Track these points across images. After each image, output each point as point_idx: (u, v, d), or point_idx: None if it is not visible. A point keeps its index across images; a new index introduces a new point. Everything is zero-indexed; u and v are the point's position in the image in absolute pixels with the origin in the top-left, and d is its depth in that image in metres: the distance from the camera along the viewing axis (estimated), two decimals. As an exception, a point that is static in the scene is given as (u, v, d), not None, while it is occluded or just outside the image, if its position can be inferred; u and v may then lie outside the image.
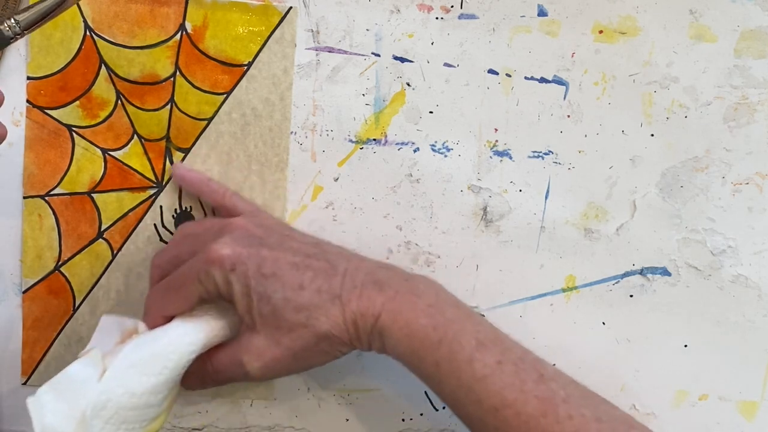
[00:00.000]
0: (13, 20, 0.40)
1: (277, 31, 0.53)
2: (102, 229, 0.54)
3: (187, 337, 0.46)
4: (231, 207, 0.52)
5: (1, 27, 0.40)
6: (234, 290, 0.45)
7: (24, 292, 0.54)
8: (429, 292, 0.47)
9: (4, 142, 0.52)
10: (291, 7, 0.53)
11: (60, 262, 0.54)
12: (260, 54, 0.53)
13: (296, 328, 0.45)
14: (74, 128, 0.53)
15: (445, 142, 0.55)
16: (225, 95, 0.53)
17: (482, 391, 0.44)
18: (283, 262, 0.46)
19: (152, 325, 0.47)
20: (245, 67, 0.53)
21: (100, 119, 0.53)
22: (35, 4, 0.41)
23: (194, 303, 0.47)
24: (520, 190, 0.55)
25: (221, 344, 0.47)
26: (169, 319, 0.47)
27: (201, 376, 0.47)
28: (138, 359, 0.44)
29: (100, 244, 0.54)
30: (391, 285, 0.46)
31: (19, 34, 0.41)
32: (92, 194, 0.54)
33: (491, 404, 0.43)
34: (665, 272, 0.56)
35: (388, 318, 0.45)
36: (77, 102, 0.53)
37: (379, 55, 0.54)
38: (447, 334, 0.45)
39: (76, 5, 0.52)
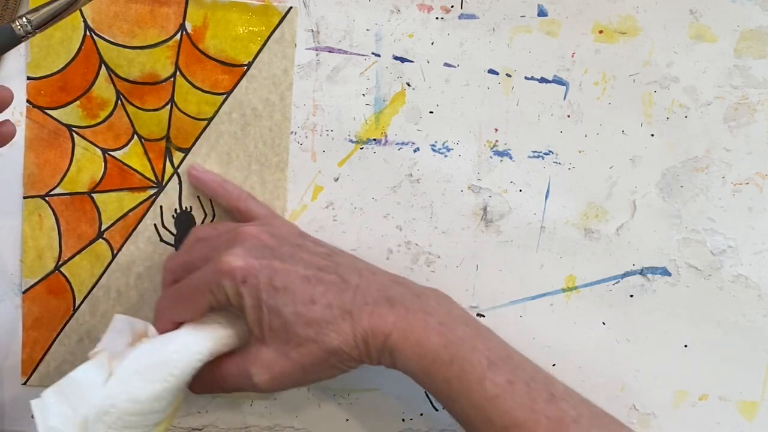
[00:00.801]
0: (24, 19, 0.40)
1: (277, 31, 0.53)
2: (102, 229, 0.54)
3: (196, 345, 0.45)
4: (246, 211, 0.52)
5: (13, 25, 0.40)
6: (245, 302, 0.45)
7: (24, 292, 0.54)
8: (440, 309, 0.47)
9: (4, 142, 0.52)
10: (291, 7, 0.53)
11: (60, 262, 0.54)
12: (260, 54, 0.53)
13: (306, 343, 0.45)
14: (74, 128, 0.53)
15: (445, 142, 0.55)
16: (225, 95, 0.53)
17: (493, 411, 0.44)
18: (294, 276, 0.45)
19: (162, 330, 0.47)
20: (245, 67, 0.53)
21: (100, 119, 0.53)
22: (47, 3, 0.41)
23: (204, 311, 0.46)
24: (520, 190, 0.55)
25: (230, 353, 0.47)
26: (178, 325, 0.47)
27: (208, 382, 0.47)
28: (144, 366, 0.44)
29: (100, 244, 0.54)
30: (403, 302, 0.46)
31: (30, 33, 0.41)
32: (92, 194, 0.54)
33: (502, 424, 0.43)
34: (665, 272, 0.56)
35: (399, 336, 0.45)
36: (77, 102, 0.53)
37: (379, 55, 0.54)
38: (458, 353, 0.45)
39: (76, 5, 0.52)
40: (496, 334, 0.48)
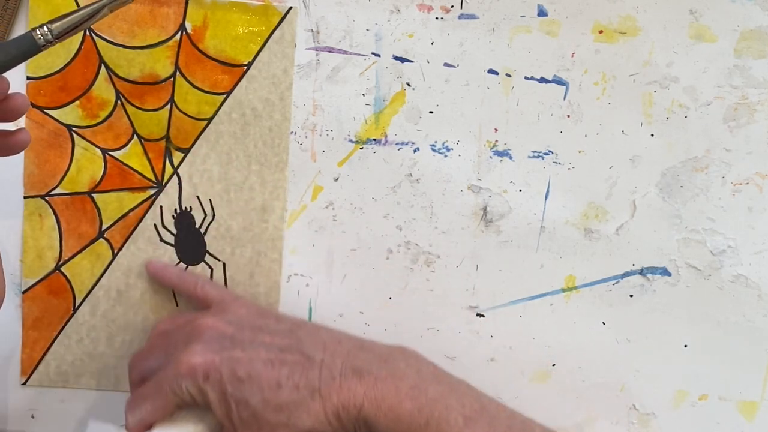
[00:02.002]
0: (45, 28, 0.40)
1: (277, 31, 0.53)
2: (102, 229, 0.54)
3: None
4: (203, 297, 0.52)
5: (34, 34, 0.40)
6: (210, 399, 0.45)
7: (24, 292, 0.54)
8: (410, 370, 0.47)
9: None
10: (291, 7, 0.53)
11: (60, 262, 0.54)
12: (260, 54, 0.53)
13: (278, 428, 0.45)
14: (74, 128, 0.53)
15: (445, 142, 0.55)
16: (225, 95, 0.53)
17: None
18: (257, 362, 0.45)
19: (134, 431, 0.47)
20: (245, 67, 0.53)
21: (100, 119, 0.53)
22: (68, 13, 0.41)
23: (172, 411, 0.46)
24: (520, 190, 0.55)
25: None
26: (150, 426, 0.47)
27: None
28: None
29: (101, 244, 0.54)
30: (371, 371, 0.46)
31: (50, 42, 0.41)
32: (92, 194, 0.54)
33: None
34: (665, 272, 0.56)
35: (372, 407, 0.45)
36: (77, 102, 0.53)
37: (379, 55, 0.54)
38: (433, 414, 0.45)
39: (76, 6, 0.52)
40: (469, 384, 0.48)
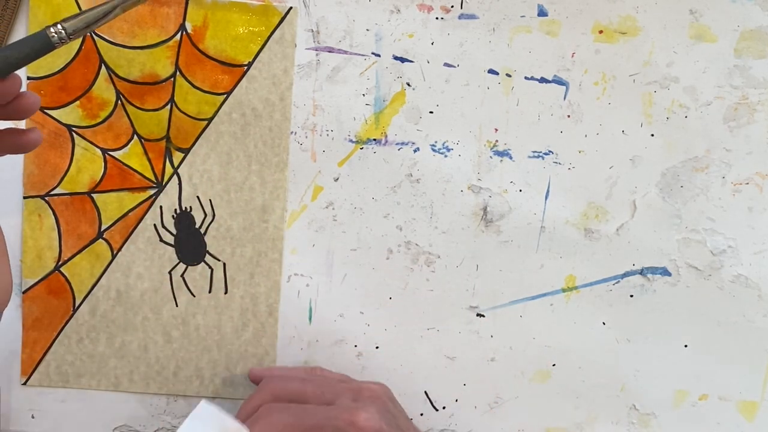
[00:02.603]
0: (60, 26, 0.41)
1: (277, 32, 0.53)
2: (102, 229, 0.54)
3: None
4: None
5: (48, 32, 0.40)
6: None
7: (24, 292, 0.54)
8: None
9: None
10: (291, 7, 0.53)
11: (60, 262, 0.54)
12: (260, 54, 0.53)
13: None
14: (74, 128, 0.53)
15: (445, 142, 0.55)
16: (225, 95, 0.53)
17: None
18: None
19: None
20: (245, 67, 0.53)
21: (100, 119, 0.53)
22: (82, 12, 0.41)
23: None
24: (520, 190, 0.55)
25: None
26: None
27: None
28: None
29: (100, 244, 0.54)
30: None
31: (64, 40, 0.41)
32: (92, 194, 0.54)
33: None
34: (665, 272, 0.56)
35: None
36: (77, 102, 0.53)
37: (379, 55, 0.54)
38: None
39: (77, 6, 0.52)
40: None
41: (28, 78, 0.52)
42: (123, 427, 0.56)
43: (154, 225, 0.54)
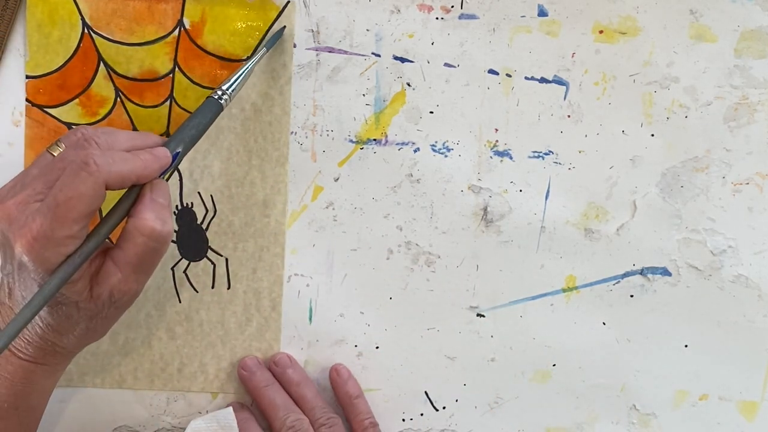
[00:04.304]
0: (224, 93, 0.49)
1: (275, 26, 0.53)
2: (101, 229, 0.54)
3: None
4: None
5: (221, 102, 0.49)
6: None
7: (22, 292, 0.54)
8: None
9: (4, 142, 0.52)
10: (289, 1, 0.53)
11: (58, 262, 0.54)
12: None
13: None
14: (74, 126, 0.53)
15: (445, 142, 0.55)
16: (224, 93, 0.53)
17: None
18: None
19: None
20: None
21: (99, 117, 0.53)
22: (236, 74, 0.50)
23: None
24: (520, 190, 0.55)
25: None
26: None
27: None
28: None
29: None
30: None
31: (227, 102, 0.49)
32: (91, 193, 0.53)
33: None
34: (665, 272, 0.56)
35: None
36: (76, 100, 0.53)
37: (379, 55, 0.54)
38: None
39: (74, 5, 0.51)
40: None
41: (27, 77, 0.52)
42: (123, 428, 0.55)
43: (153, 224, 0.54)
